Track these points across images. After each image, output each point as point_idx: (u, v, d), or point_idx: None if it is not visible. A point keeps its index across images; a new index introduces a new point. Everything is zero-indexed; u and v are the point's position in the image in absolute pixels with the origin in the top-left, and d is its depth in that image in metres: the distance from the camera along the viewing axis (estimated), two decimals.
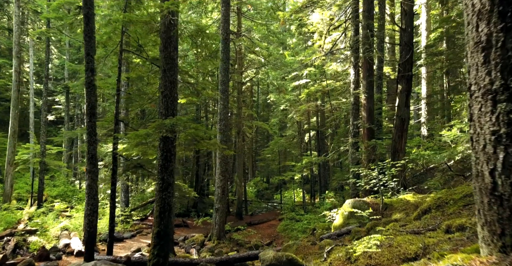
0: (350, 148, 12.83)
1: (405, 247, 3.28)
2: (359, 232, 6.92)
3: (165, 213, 6.60)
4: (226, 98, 14.43)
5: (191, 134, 6.54)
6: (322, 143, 25.51)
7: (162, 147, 6.75)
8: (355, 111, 13.32)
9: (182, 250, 12.81)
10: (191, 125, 6.64)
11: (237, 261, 8.03)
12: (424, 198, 7.98)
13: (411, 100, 14.07)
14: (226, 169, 14.43)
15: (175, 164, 11.29)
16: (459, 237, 3.07)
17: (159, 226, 6.51)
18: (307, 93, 20.49)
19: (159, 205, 6.62)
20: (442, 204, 5.31)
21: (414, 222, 5.12)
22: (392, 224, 5.21)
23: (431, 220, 4.76)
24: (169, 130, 6.49)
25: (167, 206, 6.64)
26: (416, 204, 7.60)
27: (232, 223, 19.16)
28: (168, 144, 6.73)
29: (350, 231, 7.54)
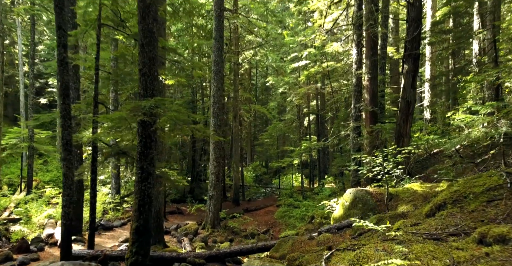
0: (352, 133, 12.07)
1: (427, 262, 2.56)
2: (361, 227, 6.23)
3: (145, 206, 5.90)
4: (220, 80, 13.56)
5: (172, 118, 5.76)
6: (322, 127, 24.75)
7: (140, 132, 5.98)
8: (357, 94, 12.48)
9: (174, 239, 12.24)
10: (172, 107, 5.85)
11: (228, 256, 7.39)
12: (433, 187, 7.27)
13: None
14: (220, 154, 13.72)
15: (157, 151, 10.56)
16: (501, 253, 2.35)
17: (138, 221, 5.81)
18: (307, 75, 19.57)
19: (138, 197, 5.90)
20: (459, 199, 4.58)
21: (428, 220, 4.40)
22: (401, 222, 4.49)
23: (449, 218, 4.03)
24: (147, 113, 5.71)
25: (147, 198, 5.92)
26: (424, 195, 6.90)
27: (229, 210, 18.60)
28: (148, 129, 5.96)
29: (352, 225, 6.86)
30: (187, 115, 5.96)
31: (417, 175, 9.81)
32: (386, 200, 6.72)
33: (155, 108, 5.66)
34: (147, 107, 5.62)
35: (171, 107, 5.85)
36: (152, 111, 5.61)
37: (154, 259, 7.38)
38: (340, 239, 6.21)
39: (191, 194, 23.83)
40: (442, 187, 6.96)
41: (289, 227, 14.86)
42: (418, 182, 8.02)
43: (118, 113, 5.83)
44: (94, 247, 7.91)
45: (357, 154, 8.09)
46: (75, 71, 11.03)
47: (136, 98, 18.50)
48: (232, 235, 13.52)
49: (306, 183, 27.32)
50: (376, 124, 10.85)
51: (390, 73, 20.97)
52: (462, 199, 4.56)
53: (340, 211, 7.92)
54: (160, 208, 10.50)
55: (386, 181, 7.06)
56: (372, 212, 7.25)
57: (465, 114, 7.47)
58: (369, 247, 3.48)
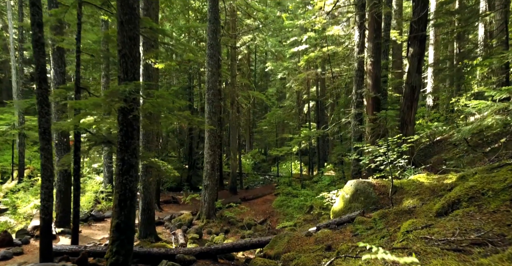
0: (353, 120, 11.48)
1: None
2: (363, 223, 5.72)
3: (126, 201, 5.37)
4: (215, 64, 12.89)
5: (155, 104, 5.17)
6: (322, 114, 24.14)
7: (121, 120, 5.40)
8: (359, 79, 11.82)
9: (167, 231, 11.81)
10: (155, 92, 5.25)
11: (220, 252, 6.93)
12: (441, 179, 6.74)
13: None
14: (215, 143, 13.17)
15: (147, 140, 10.01)
16: None
17: (119, 217, 5.30)
18: (307, 60, 18.82)
19: (118, 191, 5.37)
20: (476, 196, 4.05)
21: (441, 221, 3.86)
22: (410, 223, 3.96)
23: (467, 220, 3.50)
24: (126, 99, 5.12)
25: (129, 193, 5.39)
26: (431, 188, 6.37)
27: (225, 199, 18.19)
28: (129, 116, 5.37)
29: (353, 220, 6.37)
30: (172, 101, 5.37)
31: (422, 165, 9.29)
32: (390, 193, 6.20)
33: (135, 93, 5.06)
34: (126, 92, 5.03)
35: (154, 92, 5.25)
36: (132, 97, 5.02)
37: (141, 255, 6.92)
38: (340, 236, 5.71)
39: (188, 182, 23.42)
40: (451, 179, 6.43)
41: (287, 217, 14.45)
42: (424, 173, 7.49)
43: (92, 99, 5.26)
44: (78, 242, 7.43)
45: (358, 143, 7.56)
46: (60, 54, 10.37)
47: None
48: (228, 226, 13.10)
49: (305, 170, 26.88)
50: (378, 111, 10.27)
51: (392, 58, 20.23)
52: (479, 196, 4.03)
53: (340, 204, 7.42)
54: (151, 199, 10.01)
55: (391, 172, 6.52)
56: (374, 206, 6.75)
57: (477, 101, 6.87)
58: (375, 259, 2.94)
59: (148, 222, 9.99)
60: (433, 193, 6.12)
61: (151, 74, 9.95)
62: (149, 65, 9.70)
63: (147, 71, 9.84)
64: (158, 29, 7.64)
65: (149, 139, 9.97)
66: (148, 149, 9.96)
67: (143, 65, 9.80)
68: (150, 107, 5.34)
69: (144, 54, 9.57)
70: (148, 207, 9.97)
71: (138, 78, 5.51)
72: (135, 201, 5.53)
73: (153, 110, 5.45)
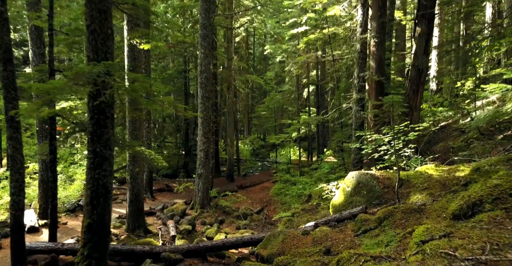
0: (354, 105, 10.79)
1: None
2: (367, 222, 5.12)
3: (99, 198, 4.75)
4: (208, 46, 12.09)
5: (127, 89, 4.48)
6: (322, 99, 23.39)
7: (91, 106, 4.72)
8: (361, 61, 11.05)
9: (158, 222, 11.28)
10: (130, 75, 4.55)
11: (209, 250, 6.37)
12: (452, 171, 6.10)
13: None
14: (209, 129, 12.50)
15: (133, 127, 9.34)
16: None
17: (91, 217, 4.69)
18: (306, 42, 17.93)
19: (90, 187, 4.74)
20: (503, 197, 3.42)
21: (462, 227, 3.24)
22: (423, 229, 3.34)
23: (496, 229, 2.88)
24: (96, 83, 4.43)
25: (102, 189, 4.77)
26: (442, 181, 5.75)
27: (222, 186, 17.67)
28: (101, 102, 4.69)
29: (354, 216, 5.77)
30: (149, 84, 4.68)
31: (428, 154, 8.66)
32: (396, 187, 5.57)
33: (105, 76, 4.37)
34: (94, 75, 4.33)
35: (129, 75, 4.55)
36: (101, 80, 4.32)
37: (124, 253, 6.37)
38: (340, 236, 5.12)
39: (184, 169, 22.88)
40: (464, 171, 5.80)
41: (285, 205, 13.93)
42: (432, 164, 6.86)
43: (54, 82, 4.56)
44: (56, 239, 6.87)
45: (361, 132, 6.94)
46: (38, 33, 9.57)
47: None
48: (223, 216, 12.59)
49: (304, 156, 26.31)
50: (385, 96, 9.56)
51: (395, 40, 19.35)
52: (507, 197, 3.40)
53: (340, 198, 6.82)
54: (139, 190, 9.43)
55: (397, 164, 5.89)
56: (378, 200, 6.15)
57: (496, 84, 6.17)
58: None
59: (136, 214, 9.45)
60: (444, 187, 5.50)
61: (137, 56, 9.20)
62: (134, 46, 8.94)
63: (132, 52, 9.08)
64: (141, 5, 6.86)
65: (136, 126, 9.31)
66: (135, 136, 9.32)
67: (128, 45, 9.05)
68: (126, 92, 4.65)
69: (128, 34, 8.80)
70: (136, 198, 9.40)
71: (111, 58, 4.80)
72: (110, 197, 4.90)
73: (128, 96, 4.76)
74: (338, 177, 13.87)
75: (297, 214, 11.77)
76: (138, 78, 4.61)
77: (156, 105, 5.20)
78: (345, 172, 14.64)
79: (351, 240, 4.81)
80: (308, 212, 11.59)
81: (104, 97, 4.18)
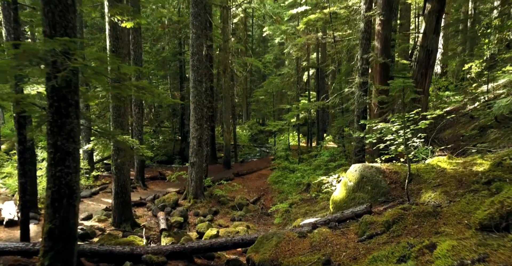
0: (357, 90, 10.01)
1: None
2: (372, 225, 4.47)
3: (62, 200, 4.08)
4: (200, 25, 11.22)
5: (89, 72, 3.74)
6: (322, 83, 22.55)
7: (50, 92, 3.99)
8: (365, 42, 10.18)
9: (149, 213, 10.70)
10: (92, 55, 3.80)
11: (196, 252, 5.76)
12: (467, 164, 5.42)
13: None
14: (202, 115, 11.76)
15: (117, 113, 8.61)
16: None
17: (53, 221, 4.03)
18: (306, 23, 16.96)
19: (51, 187, 4.07)
20: None
21: (499, 248, 2.56)
22: (448, 246, 2.67)
23: None
24: (57, 63, 3.68)
25: (66, 189, 4.09)
26: (457, 177, 5.08)
27: (218, 174, 17.07)
28: (62, 87, 3.96)
29: (358, 216, 5.13)
30: (117, 66, 3.93)
31: (436, 143, 7.97)
32: (406, 184, 4.90)
33: (62, 55, 3.61)
34: (48, 53, 3.58)
35: (91, 54, 3.80)
36: (53, 60, 3.58)
37: (101, 254, 5.77)
38: (342, 241, 4.48)
39: (180, 155, 22.25)
40: (482, 165, 5.12)
41: (282, 195, 13.35)
42: (444, 156, 6.17)
43: None
44: (29, 238, 6.25)
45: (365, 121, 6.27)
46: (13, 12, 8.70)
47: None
48: (218, 206, 12.02)
49: (304, 142, 25.65)
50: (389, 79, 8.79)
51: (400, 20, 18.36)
52: None
53: (342, 192, 6.16)
54: (125, 181, 8.78)
55: (407, 156, 5.19)
56: (384, 197, 5.49)
57: None
58: None
59: (122, 207, 8.84)
60: (460, 185, 4.83)
61: (120, 36, 8.37)
62: (116, 24, 8.11)
63: (114, 31, 8.25)
64: None
65: (121, 113, 8.57)
66: (120, 124, 8.59)
67: (109, 23, 8.21)
68: (90, 75, 3.90)
69: (109, 10, 7.95)
70: (122, 190, 8.76)
71: (72, 34, 4.03)
72: (76, 198, 4.23)
73: (87, 80, 4.03)
74: (338, 165, 13.23)
75: (295, 204, 11.19)
76: (103, 58, 3.85)
77: (130, 90, 4.46)
78: (346, 160, 14.00)
79: (354, 247, 4.17)
80: (307, 203, 11.01)
81: (55, 81, 3.44)
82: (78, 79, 4.20)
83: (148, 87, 4.47)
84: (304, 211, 9.98)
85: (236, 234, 8.71)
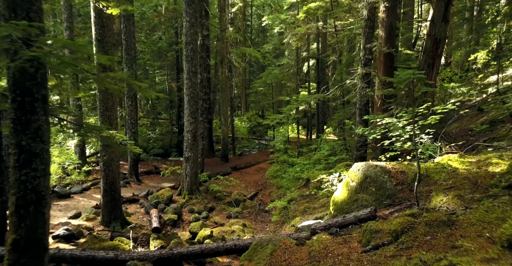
0: (359, 82, 9.49)
1: None
2: (378, 234, 4.01)
3: (29, 207, 3.61)
4: (194, 13, 10.63)
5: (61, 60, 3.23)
6: (323, 74, 21.96)
7: (12, 85, 3.49)
8: (369, 31, 9.63)
9: (141, 210, 10.28)
10: (59, 42, 3.30)
11: (185, 258, 5.33)
12: (482, 164, 4.94)
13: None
14: (197, 108, 11.26)
15: (104, 106, 8.10)
16: None
17: (17, 231, 3.57)
18: (306, 11, 16.32)
19: (16, 193, 3.59)
20: None
21: None
22: None
23: None
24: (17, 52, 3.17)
25: (32, 195, 3.62)
26: (471, 178, 4.61)
27: (215, 167, 16.64)
28: (25, 78, 3.46)
29: (361, 221, 4.67)
30: (88, 55, 3.43)
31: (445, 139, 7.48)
32: (416, 187, 4.43)
33: (19, 42, 3.10)
34: (5, 40, 3.07)
35: (56, 41, 3.29)
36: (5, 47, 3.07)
37: (83, 260, 5.33)
38: (344, 250, 4.04)
39: (177, 148, 21.76)
40: (499, 165, 4.64)
41: (281, 190, 12.94)
42: (455, 154, 5.69)
43: None
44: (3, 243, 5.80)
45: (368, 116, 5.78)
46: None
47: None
48: (214, 202, 11.61)
49: (303, 134, 25.17)
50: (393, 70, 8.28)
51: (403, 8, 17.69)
52: None
53: (343, 193, 5.70)
54: (114, 178, 8.32)
55: (417, 155, 4.71)
56: (390, 200, 5.03)
57: None
58: None
59: (112, 205, 8.39)
60: (476, 188, 4.36)
61: (106, 24, 7.82)
62: (101, 11, 7.55)
63: (100, 19, 7.71)
64: None
65: (108, 106, 8.06)
66: (108, 118, 8.09)
67: (94, 10, 7.66)
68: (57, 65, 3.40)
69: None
70: (111, 187, 8.30)
71: (37, 18, 3.51)
72: (46, 205, 3.76)
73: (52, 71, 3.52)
74: (339, 159, 12.78)
75: (294, 200, 10.77)
76: (70, 46, 3.34)
77: (106, 83, 3.95)
78: (347, 154, 13.54)
79: (358, 259, 3.73)
80: (306, 199, 10.58)
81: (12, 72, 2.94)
82: (46, 71, 3.70)
83: (127, 79, 3.97)
84: (303, 208, 9.56)
85: (232, 233, 8.31)
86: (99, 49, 7.78)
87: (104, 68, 7.58)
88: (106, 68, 7.60)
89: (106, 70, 7.40)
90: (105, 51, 7.75)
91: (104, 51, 7.76)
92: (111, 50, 8.00)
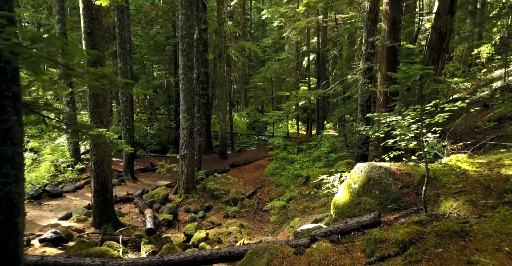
0: (361, 77, 9.13)
1: None
2: (383, 244, 3.68)
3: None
4: (190, 5, 10.23)
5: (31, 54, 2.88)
6: (323, 68, 21.54)
7: None
8: (371, 24, 9.24)
9: (136, 210, 9.97)
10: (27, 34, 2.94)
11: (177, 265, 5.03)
12: (494, 166, 4.61)
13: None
14: (193, 104, 10.91)
15: (95, 103, 7.75)
16: None
17: None
18: (306, 4, 15.88)
19: None
20: None
21: None
22: None
23: None
24: None
25: (3, 203, 3.27)
26: (483, 181, 4.27)
27: (213, 164, 16.34)
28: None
29: (364, 227, 4.35)
30: (61, 47, 3.08)
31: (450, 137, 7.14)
32: (424, 191, 4.10)
33: None
34: None
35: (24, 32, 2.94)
36: None
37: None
38: (347, 261, 3.72)
39: (175, 145, 21.43)
40: None
41: (280, 188, 12.62)
42: (463, 154, 5.35)
43: None
44: None
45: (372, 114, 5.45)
46: None
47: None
48: (211, 201, 11.30)
49: (303, 129, 24.83)
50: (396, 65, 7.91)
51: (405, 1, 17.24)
52: None
53: (345, 196, 5.37)
54: (105, 178, 8.00)
55: (425, 155, 4.38)
56: (395, 204, 4.70)
57: None
58: None
59: (103, 206, 8.08)
60: (489, 192, 4.03)
61: (96, 16, 7.43)
62: (90, 2, 7.18)
63: (89, 11, 7.32)
64: None
65: (99, 102, 7.71)
66: (98, 115, 7.75)
67: (83, 1, 7.27)
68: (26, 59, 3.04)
69: None
70: (103, 187, 7.98)
71: (5, 7, 3.15)
72: (19, 214, 3.43)
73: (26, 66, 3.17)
74: (339, 157, 12.44)
75: (293, 199, 10.47)
76: (39, 38, 2.99)
77: (86, 79, 3.60)
78: (347, 151, 13.20)
79: None
80: (305, 198, 10.28)
81: None
82: (17, 66, 3.35)
83: (108, 75, 3.61)
84: (303, 208, 9.25)
85: (228, 235, 8.01)
86: (88, 43, 7.41)
87: (94, 63, 7.23)
88: (95, 63, 7.24)
89: (95, 65, 7.05)
90: (94, 45, 7.38)
91: (94, 44, 7.39)
92: (101, 44, 7.63)
